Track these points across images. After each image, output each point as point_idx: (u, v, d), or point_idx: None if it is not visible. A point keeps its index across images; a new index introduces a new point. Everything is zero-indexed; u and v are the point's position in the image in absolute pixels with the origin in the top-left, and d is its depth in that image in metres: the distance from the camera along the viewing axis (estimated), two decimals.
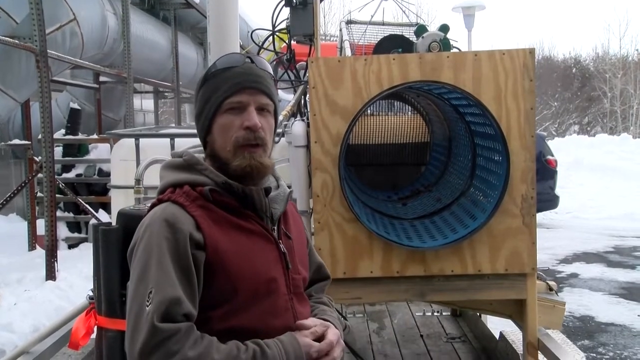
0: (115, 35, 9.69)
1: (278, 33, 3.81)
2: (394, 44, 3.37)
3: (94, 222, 7.63)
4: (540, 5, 59.97)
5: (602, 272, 8.23)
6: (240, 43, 3.31)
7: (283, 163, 3.13)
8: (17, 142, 8.71)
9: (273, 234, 1.46)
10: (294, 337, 1.38)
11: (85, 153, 9.28)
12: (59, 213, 8.56)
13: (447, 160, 3.32)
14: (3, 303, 5.82)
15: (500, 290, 2.71)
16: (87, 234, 8.97)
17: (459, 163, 3.15)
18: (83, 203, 8.48)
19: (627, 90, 30.46)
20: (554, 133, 29.08)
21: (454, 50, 3.07)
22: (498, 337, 3.62)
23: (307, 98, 3.32)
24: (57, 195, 7.69)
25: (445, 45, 2.90)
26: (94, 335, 1.83)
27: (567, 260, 8.96)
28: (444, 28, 2.97)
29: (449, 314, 4.38)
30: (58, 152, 8.88)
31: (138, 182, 2.95)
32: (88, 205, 8.51)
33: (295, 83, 3.82)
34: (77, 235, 9.07)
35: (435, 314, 4.41)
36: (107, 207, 8.45)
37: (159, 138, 4.72)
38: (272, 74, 1.52)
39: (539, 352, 2.76)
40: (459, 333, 4.04)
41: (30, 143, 8.25)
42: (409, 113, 3.68)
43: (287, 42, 3.78)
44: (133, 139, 4.42)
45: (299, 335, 1.39)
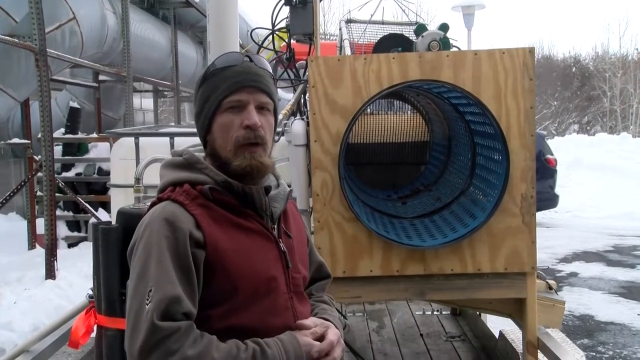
0: (115, 34, 9.68)
1: (278, 32, 3.81)
2: (394, 43, 3.37)
3: (94, 221, 7.63)
4: (540, 4, 59.99)
5: (601, 271, 8.23)
6: (240, 42, 3.31)
7: (283, 162, 3.13)
8: (16, 141, 8.71)
9: (273, 233, 1.46)
10: (294, 336, 1.38)
11: (85, 152, 9.28)
12: (59, 212, 8.56)
13: (446, 159, 3.32)
14: (3, 302, 5.83)
15: (500, 289, 2.71)
16: (86, 233, 8.98)
17: (459, 162, 3.15)
18: (83, 202, 8.47)
19: (626, 90, 30.44)
20: (554, 132, 29.08)
21: (454, 49, 3.07)
22: (498, 336, 3.62)
23: (306, 97, 3.32)
24: (56, 194, 7.69)
25: (445, 44, 2.90)
26: (94, 334, 1.83)
27: (566, 259, 8.96)
28: (444, 27, 2.97)
29: (449, 313, 4.38)
30: (58, 151, 8.88)
31: (138, 181, 2.94)
32: (88, 204, 8.50)
33: (295, 82, 3.82)
34: (76, 234, 9.07)
35: (435, 313, 4.41)
36: (106, 206, 8.45)
37: (159, 137, 4.73)
38: (271, 73, 1.52)
39: (539, 351, 2.76)
40: (459, 332, 4.05)
41: (30, 142, 8.25)
42: (409, 112, 3.68)
43: (286, 41, 3.78)
44: (133, 138, 4.42)
45: (299, 335, 1.39)
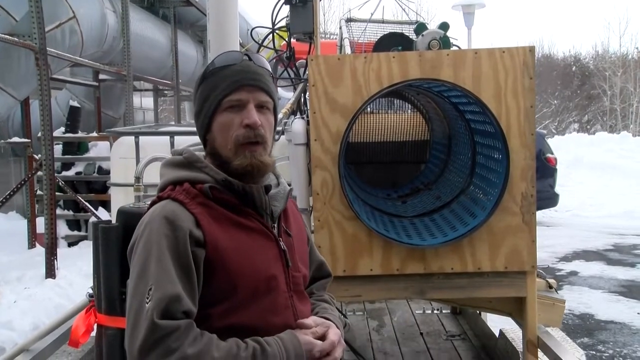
0: (115, 33, 9.68)
1: (278, 31, 3.81)
2: (394, 42, 3.37)
3: (94, 220, 7.64)
4: (540, 3, 59.97)
5: (601, 270, 8.23)
6: (240, 41, 3.30)
7: (283, 161, 3.13)
8: (16, 140, 8.71)
9: (273, 232, 1.46)
10: (294, 334, 1.38)
11: (85, 151, 9.27)
12: (59, 211, 8.56)
13: (446, 158, 3.32)
14: (3, 301, 5.83)
15: (500, 288, 2.71)
16: (86, 232, 8.97)
17: (459, 161, 3.15)
18: (83, 201, 8.47)
19: (626, 89, 30.44)
20: (554, 131, 29.08)
21: (454, 48, 3.07)
22: (498, 334, 3.63)
23: (306, 96, 3.32)
24: (56, 193, 7.69)
25: (445, 43, 2.90)
26: (94, 333, 1.83)
27: (566, 258, 8.97)
28: (444, 26, 2.97)
29: (449, 312, 4.39)
30: (58, 150, 8.87)
31: (138, 179, 2.94)
32: (88, 203, 8.50)
33: (295, 81, 3.82)
34: (76, 233, 9.07)
35: (435, 312, 4.41)
36: (106, 205, 8.45)
37: (159, 136, 4.73)
38: (270, 71, 1.51)
39: (539, 349, 2.76)
40: (459, 331, 4.05)
41: (30, 141, 8.25)
42: (409, 111, 3.68)
43: (286, 40, 3.78)
44: (133, 137, 4.42)
45: (300, 333, 1.39)
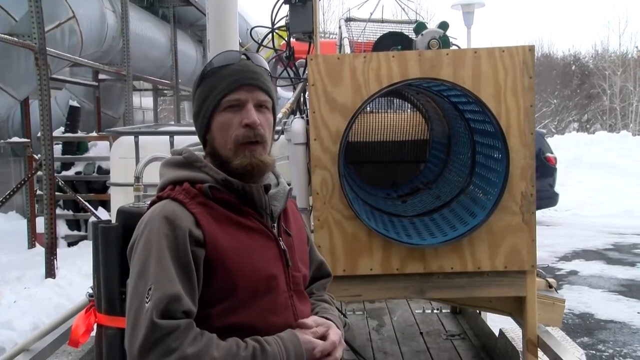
0: (114, 33, 9.68)
1: (277, 30, 3.81)
2: (393, 42, 3.37)
3: (94, 219, 7.64)
4: (540, 3, 59.95)
5: (601, 269, 8.24)
6: (240, 40, 3.31)
7: (282, 160, 3.13)
8: (16, 139, 8.71)
9: (273, 231, 1.46)
10: (294, 334, 1.38)
11: (85, 151, 9.27)
12: (59, 211, 8.56)
13: (446, 158, 3.32)
14: (3, 301, 5.83)
15: (500, 288, 2.71)
16: (86, 232, 8.97)
17: (459, 160, 3.15)
18: (82, 201, 8.47)
19: (626, 88, 30.44)
20: (554, 130, 29.08)
21: (454, 48, 3.07)
22: (498, 334, 3.63)
23: (306, 95, 3.32)
24: (56, 193, 7.69)
25: (445, 43, 2.90)
26: (94, 333, 1.83)
27: (566, 258, 8.97)
28: (444, 25, 2.97)
29: (449, 312, 4.39)
30: (57, 149, 8.88)
31: (137, 179, 2.94)
32: (87, 203, 8.50)
33: (295, 80, 3.82)
34: (76, 233, 9.07)
35: (435, 312, 4.41)
36: (106, 204, 8.45)
37: (159, 135, 4.72)
38: (268, 71, 1.51)
39: (539, 349, 2.76)
40: (459, 330, 4.05)
41: (30, 141, 8.24)
42: (408, 110, 3.68)
43: (286, 39, 3.78)
44: (132, 137, 4.41)
45: (300, 333, 1.39)
